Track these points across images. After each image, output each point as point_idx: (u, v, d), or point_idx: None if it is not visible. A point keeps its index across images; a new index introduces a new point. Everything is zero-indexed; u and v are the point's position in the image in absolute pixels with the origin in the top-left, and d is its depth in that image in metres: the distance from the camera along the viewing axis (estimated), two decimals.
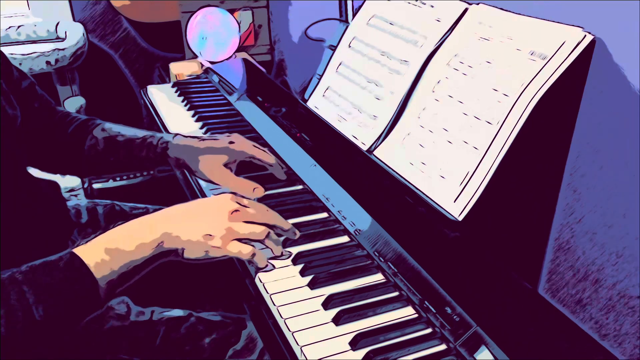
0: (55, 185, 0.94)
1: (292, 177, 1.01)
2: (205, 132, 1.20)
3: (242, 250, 0.73)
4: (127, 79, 2.20)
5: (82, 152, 1.00)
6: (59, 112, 1.02)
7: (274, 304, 0.72)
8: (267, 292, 0.74)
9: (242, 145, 0.97)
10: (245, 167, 0.98)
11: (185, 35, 1.68)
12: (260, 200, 0.93)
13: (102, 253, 0.67)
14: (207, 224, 0.72)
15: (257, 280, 0.77)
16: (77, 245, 0.67)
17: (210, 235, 0.71)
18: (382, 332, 0.67)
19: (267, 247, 0.77)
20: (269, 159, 0.98)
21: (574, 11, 0.76)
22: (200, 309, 0.90)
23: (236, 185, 0.93)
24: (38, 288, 0.62)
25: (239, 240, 0.73)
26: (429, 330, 0.68)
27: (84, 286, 0.64)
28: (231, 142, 0.97)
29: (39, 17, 2.01)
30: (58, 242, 0.88)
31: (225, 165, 0.95)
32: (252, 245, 0.74)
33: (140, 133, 1.01)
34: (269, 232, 0.76)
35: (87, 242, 0.68)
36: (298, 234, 0.82)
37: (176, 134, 1.01)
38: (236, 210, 0.74)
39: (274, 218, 0.78)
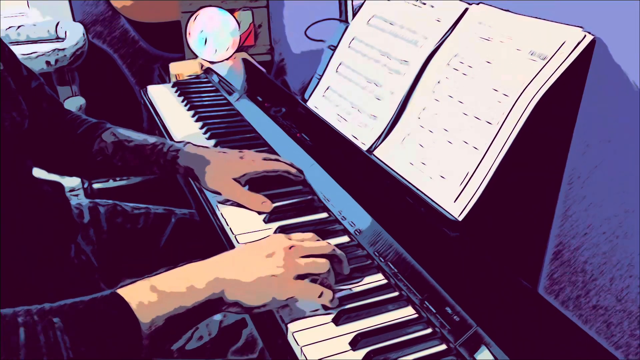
0: (59, 186, 0.94)
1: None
2: (205, 132, 1.20)
3: (311, 291, 0.67)
4: (127, 79, 2.20)
5: (90, 154, 0.99)
6: (68, 114, 1.03)
7: None
8: None
9: (253, 160, 0.96)
10: None
11: (185, 35, 1.68)
12: None
13: (147, 293, 0.60)
14: (266, 264, 0.66)
15: None
16: (120, 287, 0.61)
17: (273, 275, 0.65)
18: (382, 332, 0.67)
19: (328, 280, 0.71)
20: (282, 166, 0.97)
21: (574, 11, 0.76)
22: None
23: (244, 199, 0.92)
24: (70, 323, 0.55)
25: (302, 278, 0.68)
26: (429, 331, 0.68)
27: (124, 327, 0.57)
28: (241, 158, 0.96)
29: (39, 17, 2.01)
30: (63, 244, 0.88)
31: (234, 179, 0.94)
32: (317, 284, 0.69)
33: (150, 139, 1.00)
34: (331, 267, 0.70)
35: (129, 284, 0.62)
36: (348, 268, 0.75)
37: (187, 143, 1.00)
38: (292, 247, 0.69)
39: (328, 248, 0.73)
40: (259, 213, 0.91)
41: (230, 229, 0.87)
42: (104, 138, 1.00)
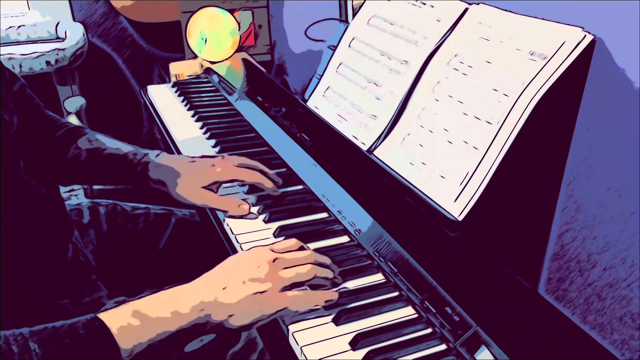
0: (54, 186, 0.94)
1: (292, 178, 1.01)
2: (205, 132, 1.20)
3: (300, 300, 0.67)
4: (127, 79, 2.20)
5: (65, 160, 0.96)
6: (48, 116, 1.00)
7: None
8: None
9: (225, 168, 0.93)
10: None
11: (185, 35, 1.68)
12: (259, 199, 0.93)
13: (129, 318, 0.59)
14: (250, 281, 0.65)
15: None
16: (102, 311, 0.60)
17: (258, 293, 0.65)
18: (382, 332, 0.67)
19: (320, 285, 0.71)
20: (254, 177, 0.93)
21: (574, 11, 0.76)
22: None
23: (218, 204, 0.90)
24: (49, 351, 0.54)
25: (289, 289, 0.67)
26: (429, 330, 0.68)
27: (104, 354, 0.57)
28: (213, 165, 0.93)
29: (39, 17, 2.01)
30: (60, 245, 0.88)
31: (204, 187, 0.91)
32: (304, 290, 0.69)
33: (125, 148, 0.96)
34: (316, 273, 0.70)
35: (112, 308, 0.61)
36: (340, 282, 0.74)
37: (159, 153, 0.96)
38: (275, 259, 0.69)
39: (312, 257, 0.72)
40: (243, 217, 0.89)
41: (230, 229, 0.87)
42: (80, 144, 0.96)
